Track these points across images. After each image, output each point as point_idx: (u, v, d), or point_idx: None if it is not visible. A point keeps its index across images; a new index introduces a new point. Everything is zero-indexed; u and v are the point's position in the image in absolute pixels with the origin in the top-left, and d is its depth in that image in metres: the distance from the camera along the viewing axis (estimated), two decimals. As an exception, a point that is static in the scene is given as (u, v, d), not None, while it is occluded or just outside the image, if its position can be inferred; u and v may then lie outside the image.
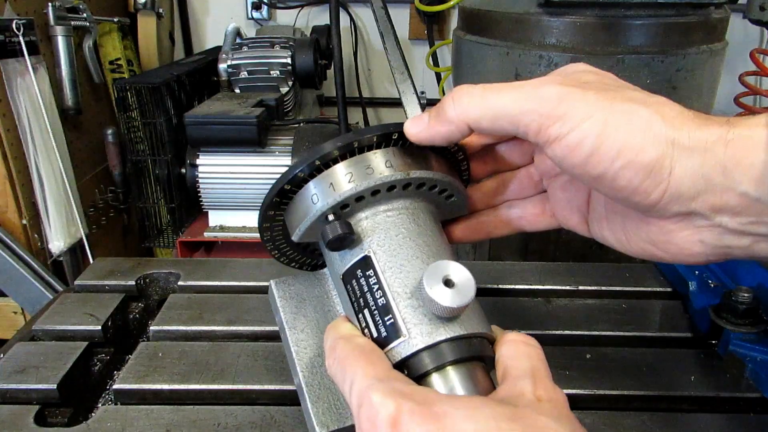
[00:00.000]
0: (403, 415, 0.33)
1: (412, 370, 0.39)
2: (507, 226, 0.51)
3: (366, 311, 0.42)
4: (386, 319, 0.40)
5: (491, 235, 0.51)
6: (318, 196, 0.43)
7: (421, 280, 0.38)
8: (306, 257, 0.53)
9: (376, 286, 0.41)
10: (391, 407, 0.33)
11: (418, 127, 0.42)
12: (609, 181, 0.36)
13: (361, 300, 0.42)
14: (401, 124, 0.43)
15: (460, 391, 0.38)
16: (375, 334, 0.41)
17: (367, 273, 0.42)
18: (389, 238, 0.43)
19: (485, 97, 0.39)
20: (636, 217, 0.41)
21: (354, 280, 0.43)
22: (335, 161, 0.43)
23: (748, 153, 0.34)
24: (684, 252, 0.39)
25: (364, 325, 0.42)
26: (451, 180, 0.46)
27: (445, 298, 0.37)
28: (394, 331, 0.39)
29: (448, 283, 0.38)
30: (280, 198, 0.45)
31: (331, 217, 0.43)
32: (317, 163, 0.43)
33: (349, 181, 0.42)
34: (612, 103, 0.36)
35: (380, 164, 0.42)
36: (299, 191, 0.44)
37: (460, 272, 0.38)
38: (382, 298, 0.41)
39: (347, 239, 0.42)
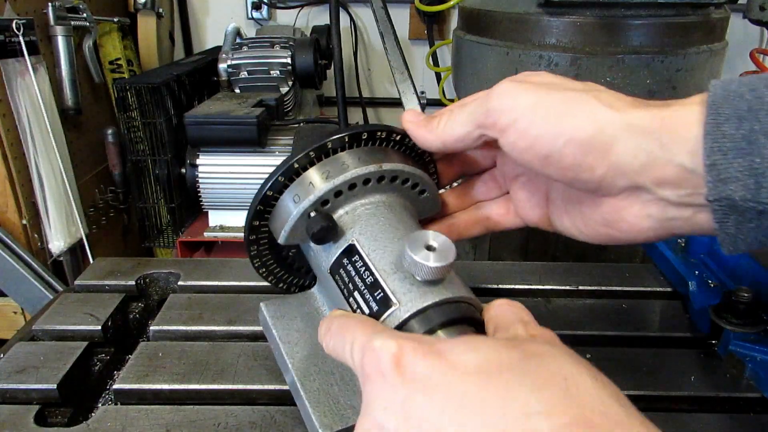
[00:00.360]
0: (406, 353, 0.33)
1: None
2: (476, 227, 0.55)
3: (356, 293, 0.44)
4: (376, 294, 0.42)
5: (463, 235, 0.54)
6: (299, 196, 0.46)
7: (404, 248, 0.41)
8: (292, 276, 0.55)
9: (363, 268, 0.43)
10: (393, 347, 0.34)
11: (412, 117, 0.48)
12: (556, 160, 0.40)
13: (350, 285, 0.44)
14: (371, 126, 0.48)
15: None
16: (367, 311, 0.42)
17: (353, 259, 0.44)
18: (370, 225, 0.46)
19: (457, 116, 0.45)
20: (590, 201, 0.44)
21: (341, 269, 0.45)
22: (312, 163, 0.46)
23: (683, 128, 0.37)
24: (635, 228, 0.42)
25: (355, 307, 0.44)
26: (421, 174, 0.49)
27: (429, 259, 0.40)
28: (384, 303, 0.41)
29: (429, 248, 0.41)
30: (264, 206, 0.47)
31: (313, 214, 0.45)
32: (296, 166, 0.46)
33: (326, 178, 0.45)
34: (550, 92, 0.41)
35: (354, 161, 0.46)
36: (281, 196, 0.47)
37: (438, 237, 0.42)
38: (370, 277, 0.43)
39: (331, 230, 0.45)
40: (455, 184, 0.56)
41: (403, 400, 0.32)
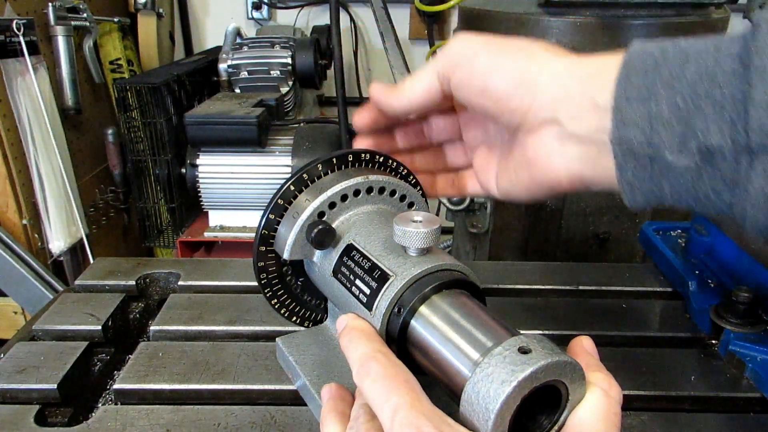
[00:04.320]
0: None
1: (405, 306, 0.44)
2: (451, 188, 0.60)
3: (357, 281, 0.47)
4: (375, 274, 0.46)
5: (438, 193, 0.60)
6: (297, 213, 0.50)
7: (394, 225, 0.45)
8: (304, 308, 0.58)
9: (362, 258, 0.48)
10: None
11: (379, 87, 0.54)
12: (492, 92, 0.46)
13: (351, 276, 0.48)
14: (356, 150, 0.53)
15: (453, 314, 0.42)
16: (368, 291, 0.46)
17: (352, 254, 0.49)
18: (364, 227, 0.51)
19: (420, 74, 0.51)
20: (517, 144, 0.49)
21: (343, 267, 0.49)
22: (306, 185, 0.52)
23: (600, 74, 0.42)
24: (548, 165, 0.46)
25: (358, 293, 0.47)
26: (407, 186, 0.54)
27: (418, 227, 0.44)
28: (383, 279, 0.45)
29: (415, 220, 0.46)
30: (268, 231, 0.52)
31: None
32: (292, 188, 0.51)
33: (321, 192, 0.50)
34: (495, 39, 0.47)
35: (344, 176, 0.52)
36: (282, 219, 0.52)
37: (422, 212, 0.46)
38: (368, 263, 0.47)
39: (329, 233, 0.49)
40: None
41: None
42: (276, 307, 0.57)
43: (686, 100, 0.38)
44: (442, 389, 0.41)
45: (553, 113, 0.44)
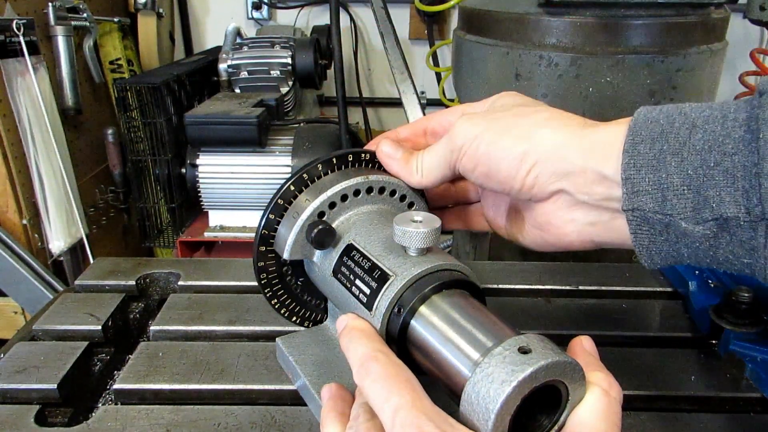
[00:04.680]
0: None
1: (405, 306, 0.44)
2: (457, 221, 0.62)
3: (357, 281, 0.47)
4: (375, 274, 0.46)
5: (445, 227, 0.60)
6: (297, 213, 0.50)
7: (394, 225, 0.45)
8: (303, 308, 0.58)
9: (362, 258, 0.48)
10: None
11: (391, 153, 0.53)
12: (495, 175, 0.47)
13: (351, 276, 0.48)
14: (355, 150, 0.54)
15: (453, 314, 0.42)
16: (368, 291, 0.46)
17: (352, 254, 0.49)
18: (364, 227, 0.51)
19: (431, 162, 0.52)
20: (528, 209, 0.51)
21: (343, 267, 0.49)
22: (306, 185, 0.52)
23: (605, 144, 0.42)
24: (561, 231, 0.48)
25: (358, 293, 0.47)
26: (407, 186, 0.54)
27: (418, 227, 0.44)
28: (383, 279, 0.45)
29: (415, 220, 0.46)
30: (268, 231, 0.52)
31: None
32: (292, 188, 0.51)
33: (321, 192, 0.51)
34: (495, 120, 0.48)
35: (344, 176, 0.52)
36: (282, 220, 0.52)
37: (422, 213, 0.47)
38: (368, 263, 0.47)
39: (329, 233, 0.49)
40: None
41: None
42: (276, 307, 0.57)
43: (696, 169, 0.38)
44: (442, 389, 0.41)
45: (559, 186, 0.45)
